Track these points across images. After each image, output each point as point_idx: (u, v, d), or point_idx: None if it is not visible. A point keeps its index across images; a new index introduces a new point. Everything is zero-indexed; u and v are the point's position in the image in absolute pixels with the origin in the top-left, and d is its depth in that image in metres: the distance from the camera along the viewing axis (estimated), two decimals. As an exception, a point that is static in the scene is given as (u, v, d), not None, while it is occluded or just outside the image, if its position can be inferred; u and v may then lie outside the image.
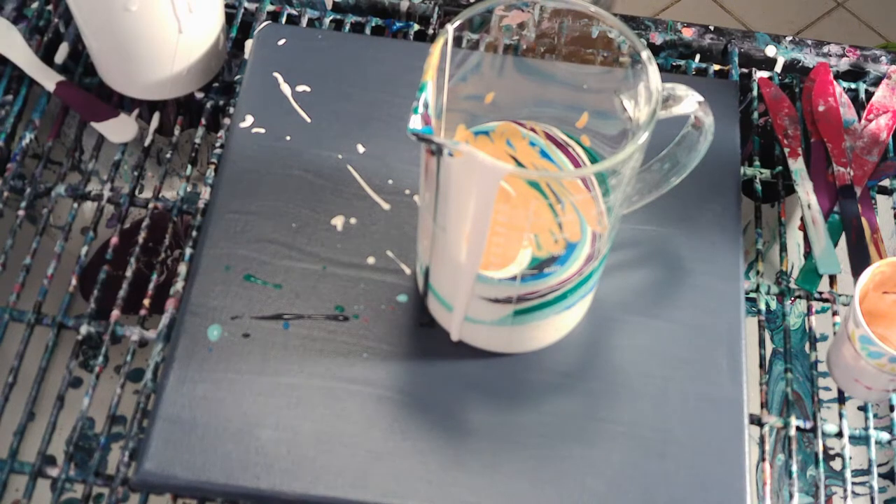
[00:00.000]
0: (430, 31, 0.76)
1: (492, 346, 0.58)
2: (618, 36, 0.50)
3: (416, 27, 0.76)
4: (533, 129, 0.56)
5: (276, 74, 0.68)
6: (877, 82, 0.76)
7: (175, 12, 0.63)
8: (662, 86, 0.48)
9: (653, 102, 0.47)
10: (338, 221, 0.63)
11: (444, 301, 0.56)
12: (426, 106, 0.44)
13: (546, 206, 0.49)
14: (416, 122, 0.44)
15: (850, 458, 0.60)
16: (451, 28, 0.48)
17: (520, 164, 0.54)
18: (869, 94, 0.76)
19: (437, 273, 0.55)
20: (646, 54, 0.48)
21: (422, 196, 0.52)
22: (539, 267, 0.51)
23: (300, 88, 0.68)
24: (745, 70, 0.76)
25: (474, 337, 0.57)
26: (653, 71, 0.47)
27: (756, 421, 0.60)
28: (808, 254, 0.67)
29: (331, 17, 0.76)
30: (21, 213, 0.65)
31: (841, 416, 0.62)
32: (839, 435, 0.61)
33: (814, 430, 0.61)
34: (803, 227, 0.68)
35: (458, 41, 0.49)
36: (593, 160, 0.55)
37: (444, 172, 0.47)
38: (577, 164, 0.55)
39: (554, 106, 0.56)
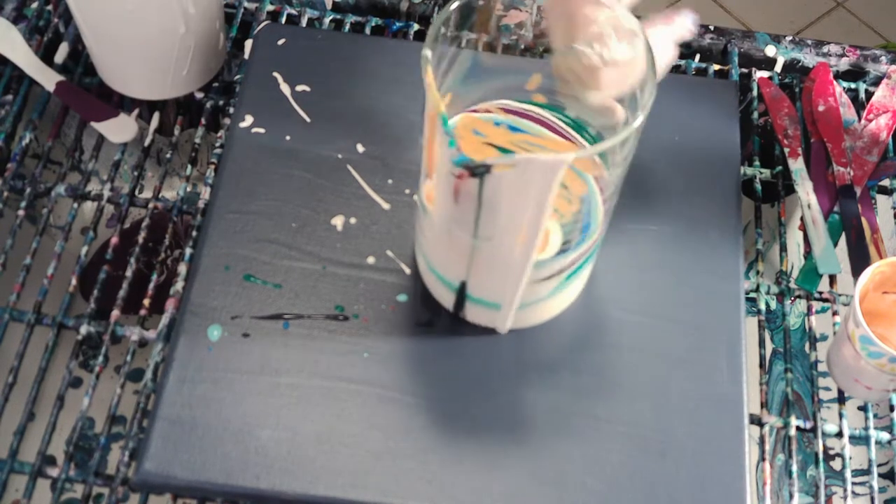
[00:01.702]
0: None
1: (544, 318, 0.59)
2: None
3: (416, 27, 0.76)
4: (488, 111, 0.56)
5: (276, 74, 0.68)
6: (877, 82, 0.76)
7: (175, 12, 0.63)
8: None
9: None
10: (338, 221, 0.63)
11: (489, 304, 0.56)
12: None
13: None
14: (456, 153, 0.44)
15: (850, 458, 0.60)
16: (429, 53, 0.47)
17: (501, 149, 0.54)
18: (869, 94, 0.76)
19: (481, 282, 0.55)
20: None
21: (448, 216, 0.51)
22: (570, 231, 0.51)
23: (300, 88, 0.68)
24: (745, 70, 0.76)
25: (526, 319, 0.58)
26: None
27: (756, 421, 0.60)
28: (808, 254, 0.67)
29: (331, 17, 0.76)
30: (21, 213, 0.65)
31: (841, 416, 0.62)
32: (839, 435, 0.61)
33: (814, 430, 0.61)
34: (803, 227, 0.68)
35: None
36: (553, 110, 0.56)
37: (491, 188, 0.46)
38: (541, 123, 0.55)
39: (499, 77, 0.55)
